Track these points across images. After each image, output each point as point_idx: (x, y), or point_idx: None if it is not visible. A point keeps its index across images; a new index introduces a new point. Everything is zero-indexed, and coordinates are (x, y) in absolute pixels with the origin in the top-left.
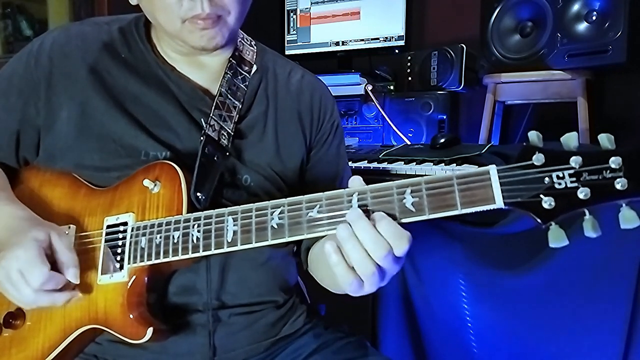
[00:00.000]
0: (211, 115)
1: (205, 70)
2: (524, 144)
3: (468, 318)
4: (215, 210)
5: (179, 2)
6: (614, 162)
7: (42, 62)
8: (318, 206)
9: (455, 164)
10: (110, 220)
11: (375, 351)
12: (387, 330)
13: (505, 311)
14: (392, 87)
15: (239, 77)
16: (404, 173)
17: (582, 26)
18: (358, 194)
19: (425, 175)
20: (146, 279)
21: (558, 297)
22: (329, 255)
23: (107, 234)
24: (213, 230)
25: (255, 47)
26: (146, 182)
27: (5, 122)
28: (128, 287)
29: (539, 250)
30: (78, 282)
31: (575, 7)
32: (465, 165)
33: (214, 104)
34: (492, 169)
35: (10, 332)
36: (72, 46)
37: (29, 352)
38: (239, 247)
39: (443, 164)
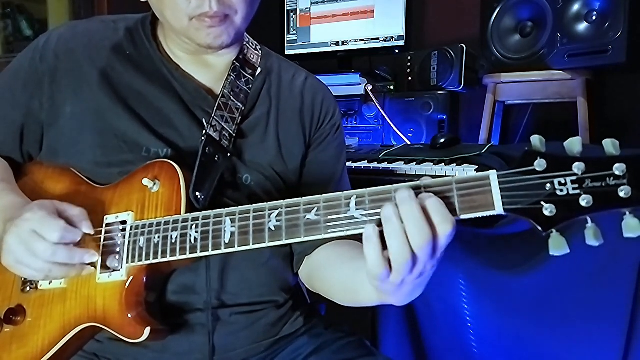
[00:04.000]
0: (213, 115)
1: (210, 70)
2: (526, 148)
3: (468, 318)
4: (214, 210)
5: None
6: (618, 169)
7: (48, 58)
8: (316, 209)
9: (455, 164)
10: (110, 218)
11: (375, 351)
12: (387, 330)
13: (505, 311)
14: (392, 87)
15: (242, 80)
16: (404, 173)
17: (582, 26)
18: (356, 197)
19: (425, 175)
20: (144, 278)
21: (558, 297)
22: (368, 238)
23: (106, 232)
24: (211, 232)
25: (260, 52)
26: (145, 181)
27: (10, 116)
28: (126, 286)
29: (539, 250)
30: (93, 233)
31: (575, 7)
32: (465, 165)
33: (216, 105)
34: (493, 174)
35: (11, 328)
36: (77, 43)
37: (29, 348)
38: (237, 249)
39: (443, 164)
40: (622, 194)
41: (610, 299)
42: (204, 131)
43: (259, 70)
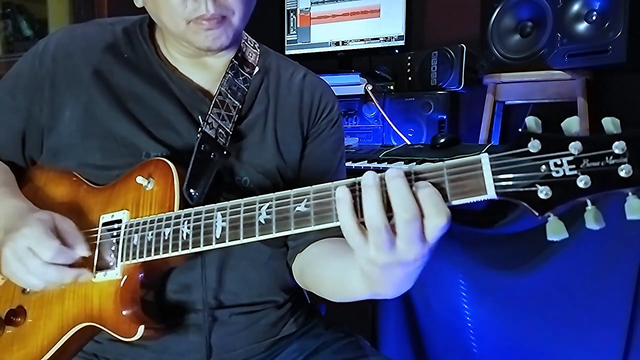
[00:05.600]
0: (209, 113)
1: (208, 71)
2: (520, 130)
3: (468, 318)
4: (205, 206)
5: (183, 3)
6: (618, 146)
7: (46, 62)
8: (305, 200)
9: None
10: (106, 217)
11: (375, 351)
12: (387, 330)
13: (505, 311)
14: (392, 87)
15: (240, 78)
16: None
17: (582, 26)
18: (346, 186)
19: None
20: (140, 276)
21: (558, 297)
22: (339, 200)
23: (102, 231)
24: (202, 227)
25: (258, 50)
26: (139, 179)
27: (11, 121)
28: (121, 285)
29: (539, 250)
30: (88, 255)
31: (575, 7)
32: None
33: (213, 103)
34: (484, 157)
35: (12, 329)
36: (76, 46)
37: (30, 349)
38: (227, 244)
39: None
40: (622, 173)
41: (610, 298)
42: (200, 128)
43: (257, 69)
